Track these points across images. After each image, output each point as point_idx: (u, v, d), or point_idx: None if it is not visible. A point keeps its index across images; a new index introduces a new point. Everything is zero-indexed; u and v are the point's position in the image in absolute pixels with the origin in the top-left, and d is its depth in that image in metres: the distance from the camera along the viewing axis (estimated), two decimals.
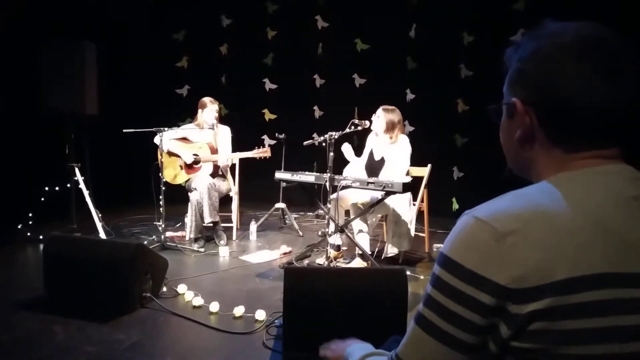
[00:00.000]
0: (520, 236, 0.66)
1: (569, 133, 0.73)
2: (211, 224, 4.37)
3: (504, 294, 0.65)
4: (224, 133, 4.75)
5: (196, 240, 4.36)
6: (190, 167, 4.54)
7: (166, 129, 4.24)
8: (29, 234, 4.38)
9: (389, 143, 3.93)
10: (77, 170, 4.37)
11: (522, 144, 0.78)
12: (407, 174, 3.90)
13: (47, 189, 4.47)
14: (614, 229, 0.66)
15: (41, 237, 4.21)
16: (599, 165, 0.72)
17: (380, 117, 3.92)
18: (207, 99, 4.63)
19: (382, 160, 3.96)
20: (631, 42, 0.72)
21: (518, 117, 0.77)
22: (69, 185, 4.40)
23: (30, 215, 4.46)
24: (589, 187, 0.70)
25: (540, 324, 0.64)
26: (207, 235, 4.52)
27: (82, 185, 4.33)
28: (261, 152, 4.55)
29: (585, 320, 0.63)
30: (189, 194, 4.41)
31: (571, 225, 0.66)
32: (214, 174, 4.54)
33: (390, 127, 3.91)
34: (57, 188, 4.49)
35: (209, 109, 4.58)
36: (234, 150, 4.73)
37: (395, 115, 3.93)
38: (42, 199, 4.43)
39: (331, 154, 3.66)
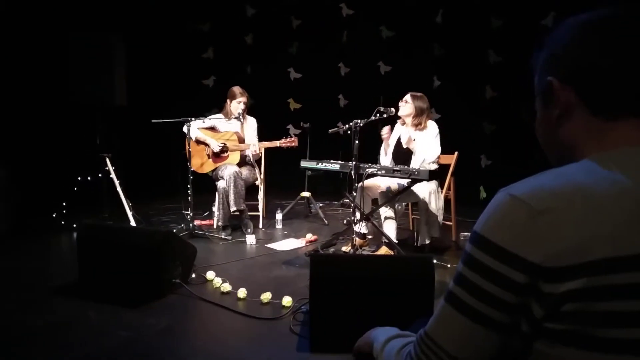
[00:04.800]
0: (557, 214, 0.64)
1: (608, 98, 0.73)
2: (237, 213, 4.43)
3: (537, 273, 0.64)
4: (251, 124, 4.78)
5: (224, 228, 4.42)
6: (217, 156, 4.59)
7: (193, 119, 4.30)
8: (62, 222, 4.53)
9: (415, 130, 3.89)
10: (107, 161, 4.48)
11: (560, 121, 0.77)
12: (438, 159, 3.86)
13: (79, 179, 4.60)
14: None
15: (74, 225, 4.34)
16: None
17: (409, 103, 3.89)
18: (236, 90, 4.64)
19: (408, 148, 3.92)
20: None
21: (555, 96, 0.76)
22: (100, 175, 4.52)
23: (64, 204, 4.61)
24: (634, 166, 0.68)
25: (575, 304, 0.62)
26: (235, 223, 4.58)
27: (112, 175, 4.44)
28: (288, 142, 4.55)
29: (622, 302, 0.61)
30: (216, 182, 4.47)
31: (612, 204, 0.64)
32: (240, 164, 4.59)
33: (419, 114, 3.88)
34: (89, 178, 4.61)
35: (237, 101, 4.61)
36: (259, 140, 4.76)
37: (424, 102, 3.90)
38: (75, 189, 4.56)
39: (356, 142, 3.65)
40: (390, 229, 3.78)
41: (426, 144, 3.80)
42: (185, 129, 4.34)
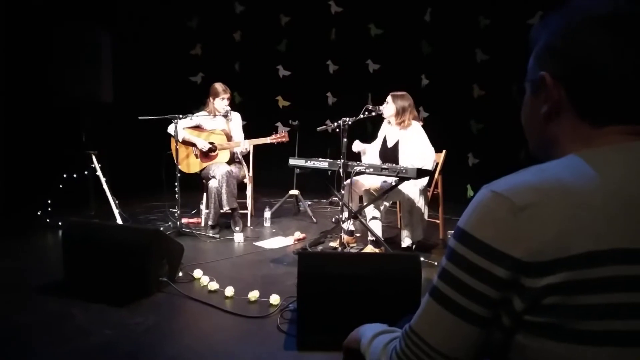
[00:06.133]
0: (538, 209, 0.65)
1: (599, 106, 0.72)
2: (229, 211, 4.41)
3: (519, 268, 0.65)
4: (236, 120, 4.76)
5: (213, 227, 4.40)
6: (206, 156, 4.56)
7: (180, 116, 4.26)
8: (48, 220, 4.47)
9: (399, 129, 3.91)
10: (94, 158, 4.43)
11: (548, 118, 0.77)
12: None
13: (65, 176, 4.54)
14: (638, 205, 0.64)
15: (60, 223, 4.29)
16: (627, 142, 0.71)
17: (390, 103, 3.90)
18: (219, 87, 4.61)
19: (395, 147, 3.94)
20: None
21: (546, 91, 0.76)
22: (86, 172, 4.47)
23: (49, 202, 4.55)
24: (615, 163, 0.69)
25: (555, 298, 0.63)
26: (223, 221, 4.56)
27: (99, 173, 4.39)
28: (279, 138, 4.54)
29: (601, 295, 0.62)
30: (208, 182, 4.42)
31: (592, 200, 0.65)
32: (230, 161, 4.56)
33: (400, 113, 3.88)
34: (74, 175, 4.56)
35: (220, 99, 4.58)
36: (247, 137, 4.74)
37: (405, 101, 3.89)
38: (61, 186, 4.51)
39: (345, 140, 3.65)
40: (375, 228, 3.79)
41: (416, 145, 3.80)
42: (170, 129, 4.30)
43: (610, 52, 0.70)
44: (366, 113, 3.83)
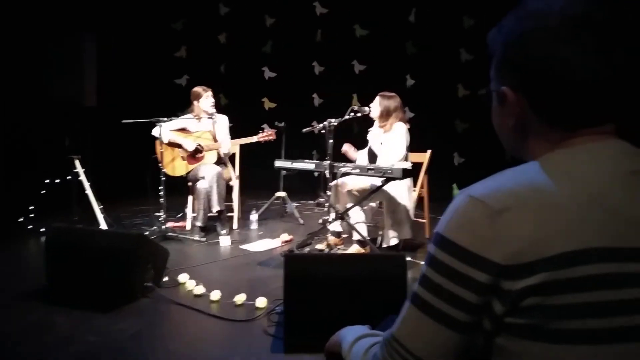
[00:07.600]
0: (514, 213, 0.66)
1: (563, 115, 0.73)
2: (216, 214, 4.37)
3: (498, 272, 0.65)
4: (222, 122, 4.71)
5: (202, 229, 4.35)
6: (192, 157, 4.51)
7: (165, 119, 4.21)
8: (30, 226, 4.39)
9: (382, 131, 3.89)
10: (77, 163, 4.36)
11: (515, 132, 0.78)
12: (406, 160, 3.85)
13: (47, 181, 4.47)
14: (611, 204, 0.65)
15: (42, 229, 4.22)
16: (595, 142, 0.71)
17: (376, 104, 3.89)
18: (199, 89, 4.55)
19: (379, 150, 3.94)
20: (625, 9, 0.70)
21: (509, 105, 0.77)
22: (69, 177, 4.40)
23: (32, 208, 4.47)
24: (585, 163, 0.69)
25: (534, 299, 0.64)
26: (209, 224, 4.51)
27: (82, 177, 4.33)
28: (266, 136, 4.51)
29: (579, 294, 0.63)
30: (196, 183, 4.34)
31: (566, 201, 0.65)
32: (217, 162, 4.52)
33: (384, 115, 3.85)
34: (57, 180, 4.49)
35: (205, 98, 4.52)
36: (233, 139, 4.70)
37: (392, 102, 3.86)
38: (43, 192, 4.44)
39: (330, 141, 3.64)
40: (360, 229, 3.77)
41: (390, 147, 3.79)
42: (155, 132, 4.25)
43: (567, 61, 0.69)
44: (352, 114, 3.82)
